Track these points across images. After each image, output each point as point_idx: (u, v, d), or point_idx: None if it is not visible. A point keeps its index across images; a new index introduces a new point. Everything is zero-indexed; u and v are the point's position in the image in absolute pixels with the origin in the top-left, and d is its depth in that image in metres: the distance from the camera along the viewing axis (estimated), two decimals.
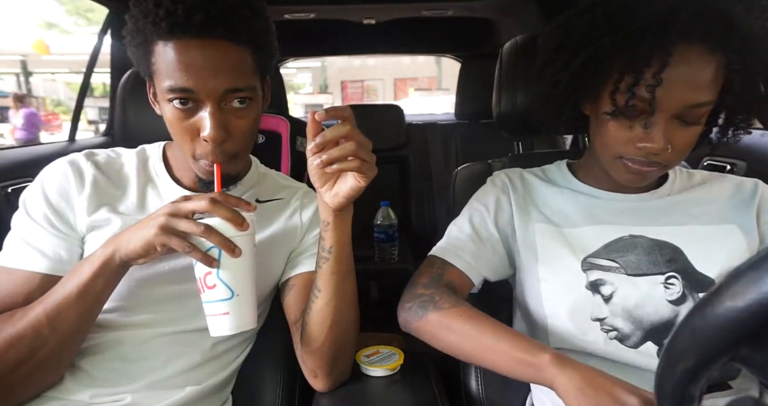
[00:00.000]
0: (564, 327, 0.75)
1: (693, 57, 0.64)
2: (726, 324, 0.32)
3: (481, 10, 1.89)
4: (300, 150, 1.77)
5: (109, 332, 0.73)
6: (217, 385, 0.79)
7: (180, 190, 0.79)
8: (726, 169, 1.22)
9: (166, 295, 0.74)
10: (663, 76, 0.63)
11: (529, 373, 0.64)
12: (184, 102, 0.66)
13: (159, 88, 0.67)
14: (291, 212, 0.86)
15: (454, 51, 2.39)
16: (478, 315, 0.72)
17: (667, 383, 0.37)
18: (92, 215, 0.74)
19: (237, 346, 0.83)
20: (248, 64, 0.68)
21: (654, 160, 0.69)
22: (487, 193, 0.87)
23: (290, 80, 14.54)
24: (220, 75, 0.64)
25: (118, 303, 0.72)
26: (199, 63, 0.63)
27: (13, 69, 11.79)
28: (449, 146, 2.21)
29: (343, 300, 0.72)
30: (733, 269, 0.33)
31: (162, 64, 0.65)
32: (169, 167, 0.81)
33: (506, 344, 0.67)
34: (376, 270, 1.90)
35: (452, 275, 0.80)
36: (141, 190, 0.78)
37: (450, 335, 0.72)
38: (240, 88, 0.66)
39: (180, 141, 0.70)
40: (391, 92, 14.26)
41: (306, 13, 1.81)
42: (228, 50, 0.65)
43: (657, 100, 0.65)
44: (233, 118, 0.68)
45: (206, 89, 0.64)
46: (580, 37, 0.71)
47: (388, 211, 1.87)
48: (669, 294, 0.71)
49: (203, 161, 0.70)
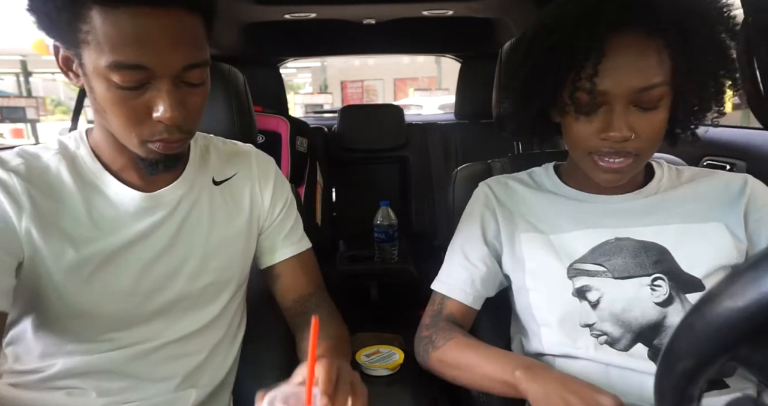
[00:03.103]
0: (555, 335, 0.76)
1: (630, 44, 0.66)
2: (725, 324, 0.32)
3: (481, 10, 1.89)
4: (300, 150, 1.78)
5: (96, 354, 0.69)
6: (216, 387, 0.78)
7: (132, 193, 0.69)
8: (726, 169, 1.22)
9: (151, 312, 0.71)
10: (602, 67, 0.65)
11: (512, 392, 0.69)
12: (133, 80, 0.57)
13: (93, 62, 0.57)
14: (250, 189, 0.81)
15: (454, 51, 2.38)
16: (466, 344, 0.77)
17: (667, 383, 0.37)
18: (36, 240, 0.63)
19: (220, 344, 0.79)
20: (203, 35, 0.61)
21: (622, 151, 0.69)
22: (472, 212, 0.88)
23: (290, 80, 14.54)
24: (179, 49, 0.58)
25: (100, 330, 0.68)
26: (156, 36, 0.55)
27: (13, 69, 11.78)
28: (449, 146, 2.21)
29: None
30: (733, 269, 0.33)
31: (102, 34, 0.54)
32: (103, 163, 0.69)
33: (488, 368, 0.72)
34: (376, 270, 1.90)
35: (451, 308, 0.84)
36: (84, 199, 0.67)
37: (451, 371, 0.78)
38: (199, 62, 0.60)
39: (121, 124, 0.60)
40: (391, 92, 14.25)
41: (306, 13, 1.81)
42: (185, 20, 0.58)
43: (607, 90, 0.66)
44: (188, 95, 0.61)
45: (163, 65, 0.57)
46: (529, 43, 0.74)
47: (388, 211, 1.87)
48: (656, 296, 0.71)
49: (154, 145, 0.62)
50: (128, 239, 0.68)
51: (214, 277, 0.75)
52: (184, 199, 0.73)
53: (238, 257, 0.79)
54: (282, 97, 2.24)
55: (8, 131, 7.30)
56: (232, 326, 0.81)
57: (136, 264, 0.69)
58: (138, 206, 0.69)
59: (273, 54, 2.27)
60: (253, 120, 1.08)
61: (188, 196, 0.74)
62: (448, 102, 6.48)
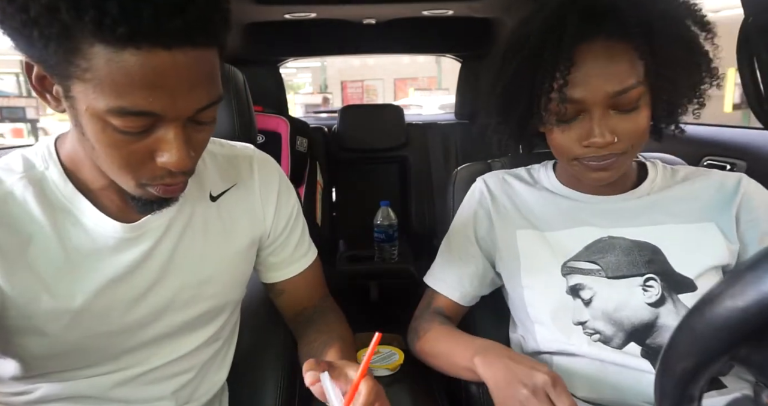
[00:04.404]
0: (549, 331, 0.76)
1: (598, 50, 0.66)
2: (725, 324, 0.32)
3: (481, 10, 1.89)
4: (300, 150, 1.78)
5: (79, 380, 0.64)
6: (211, 399, 0.76)
7: (112, 224, 0.59)
8: (726, 169, 1.22)
9: (140, 343, 0.65)
10: (572, 77, 0.66)
11: (476, 377, 0.70)
12: (137, 126, 0.48)
13: (87, 101, 0.47)
14: (251, 204, 0.72)
15: (454, 51, 2.38)
16: (441, 332, 0.80)
17: (667, 383, 0.37)
18: (2, 284, 0.55)
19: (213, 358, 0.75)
20: (218, 68, 0.53)
21: (606, 154, 0.69)
22: (465, 208, 0.89)
23: (290, 80, 14.52)
24: (195, 92, 0.49)
25: (84, 359, 0.63)
26: (171, 80, 0.47)
27: (13, 69, 11.79)
28: (449, 146, 2.21)
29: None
30: (733, 269, 0.33)
31: (104, 75, 0.45)
32: (77, 182, 0.59)
33: (455, 356, 0.75)
34: (376, 270, 1.90)
35: (440, 302, 0.86)
36: (56, 231, 0.57)
37: (431, 360, 0.81)
38: (214, 101, 0.52)
39: (116, 167, 0.52)
40: (391, 92, 14.24)
41: (306, 13, 1.81)
42: (202, 59, 0.49)
43: (582, 98, 0.67)
44: (194, 133, 0.53)
45: (175, 111, 0.49)
46: (502, 58, 0.75)
47: (388, 211, 1.87)
48: (648, 296, 0.71)
49: (154, 188, 0.54)
50: (110, 277, 0.60)
51: (210, 304, 0.69)
52: (174, 224, 0.64)
53: (236, 280, 0.73)
54: (282, 97, 2.24)
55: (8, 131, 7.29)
56: (226, 341, 0.77)
57: (120, 304, 0.62)
58: (119, 238, 0.60)
59: (273, 54, 2.27)
60: (253, 120, 1.08)
61: (178, 220, 0.65)
62: (448, 102, 6.48)
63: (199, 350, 0.71)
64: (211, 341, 0.73)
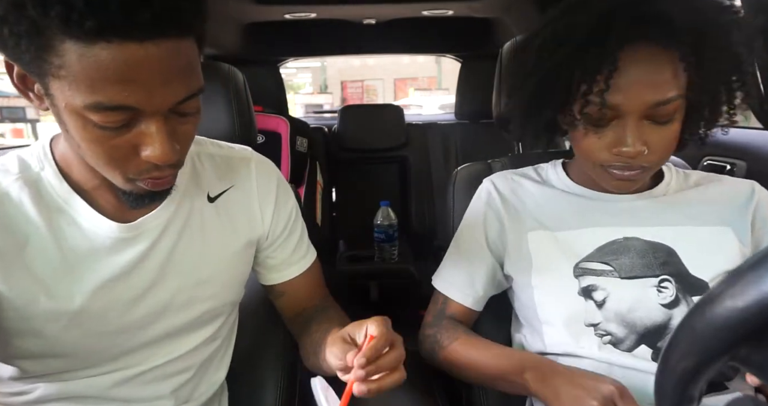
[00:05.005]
0: (558, 333, 0.75)
1: (643, 57, 0.63)
2: (726, 324, 0.32)
3: (481, 10, 1.89)
4: (300, 150, 1.78)
5: (77, 380, 0.64)
6: (210, 398, 0.76)
7: (108, 224, 0.59)
8: (726, 169, 1.22)
9: (138, 344, 0.66)
10: (614, 82, 0.63)
11: (523, 391, 0.71)
12: (116, 121, 0.48)
13: (65, 98, 0.47)
14: (249, 206, 0.72)
15: (454, 51, 2.38)
16: (472, 343, 0.78)
17: (667, 383, 0.37)
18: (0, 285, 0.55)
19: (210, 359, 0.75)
20: (196, 59, 0.52)
21: (634, 164, 0.68)
22: (473, 210, 0.88)
23: (290, 80, 14.52)
24: (172, 84, 0.49)
25: (82, 360, 0.63)
26: (145, 73, 0.46)
27: None
28: (449, 146, 2.21)
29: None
30: (733, 269, 0.33)
31: (78, 71, 0.45)
32: (72, 182, 0.59)
33: (495, 369, 0.74)
34: (376, 270, 1.90)
35: (453, 308, 0.85)
36: (52, 232, 0.57)
37: (459, 371, 0.80)
38: (194, 93, 0.52)
39: (101, 162, 0.52)
40: (391, 92, 14.25)
41: (306, 13, 1.81)
42: (177, 48, 0.48)
43: (619, 104, 0.64)
44: (178, 125, 0.53)
45: (153, 104, 0.48)
46: (537, 53, 0.71)
47: (388, 211, 1.87)
48: (662, 298, 0.71)
49: (142, 182, 0.54)
50: (108, 277, 0.60)
51: (208, 305, 0.70)
52: (171, 224, 0.64)
53: (235, 281, 0.73)
54: (282, 97, 2.24)
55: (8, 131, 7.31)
56: (225, 341, 0.78)
57: (119, 305, 0.62)
58: (116, 239, 0.60)
59: (273, 54, 2.27)
60: (253, 120, 1.08)
61: (176, 220, 0.65)
62: (448, 102, 6.48)
63: (198, 350, 0.71)
64: (209, 341, 0.73)
